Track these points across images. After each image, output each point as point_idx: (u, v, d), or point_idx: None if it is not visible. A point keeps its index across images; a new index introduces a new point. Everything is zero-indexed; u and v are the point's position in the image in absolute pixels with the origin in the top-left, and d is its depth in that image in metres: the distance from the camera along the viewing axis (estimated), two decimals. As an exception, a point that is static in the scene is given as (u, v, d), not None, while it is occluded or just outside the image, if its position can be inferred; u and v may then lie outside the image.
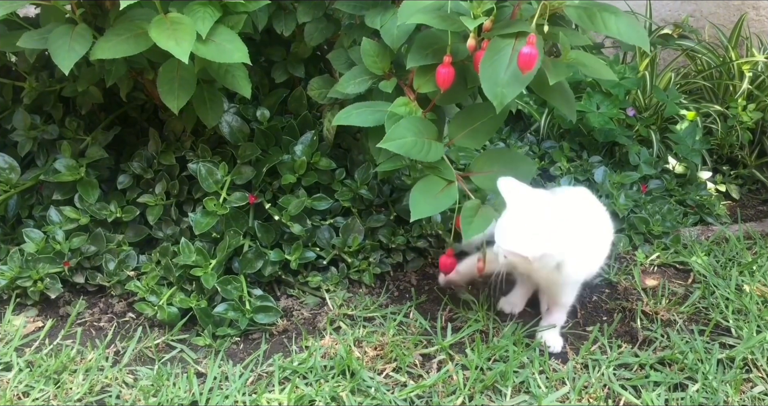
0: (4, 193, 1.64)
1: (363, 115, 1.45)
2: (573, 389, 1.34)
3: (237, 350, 1.48)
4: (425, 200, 1.39)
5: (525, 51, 1.20)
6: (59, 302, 1.58)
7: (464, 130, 1.46)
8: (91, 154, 1.68)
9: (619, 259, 1.78)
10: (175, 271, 1.55)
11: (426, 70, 1.41)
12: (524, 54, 1.20)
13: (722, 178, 2.19)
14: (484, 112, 1.43)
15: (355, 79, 1.51)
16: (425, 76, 1.42)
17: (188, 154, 1.68)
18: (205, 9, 1.36)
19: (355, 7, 1.53)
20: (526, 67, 1.21)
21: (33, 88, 1.72)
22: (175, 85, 1.42)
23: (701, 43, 2.42)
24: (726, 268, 1.73)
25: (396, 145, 1.36)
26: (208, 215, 1.58)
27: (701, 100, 2.34)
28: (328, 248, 1.65)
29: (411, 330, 1.49)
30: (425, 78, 1.42)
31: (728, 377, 1.38)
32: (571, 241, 1.31)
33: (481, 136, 1.47)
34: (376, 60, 1.47)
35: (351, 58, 1.56)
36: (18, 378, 1.35)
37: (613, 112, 2.07)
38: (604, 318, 1.58)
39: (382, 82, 1.47)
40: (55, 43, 1.35)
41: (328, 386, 1.33)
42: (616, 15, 1.27)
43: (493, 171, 1.43)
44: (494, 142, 2.09)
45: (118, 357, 1.44)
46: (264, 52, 1.74)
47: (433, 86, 1.40)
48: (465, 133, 1.45)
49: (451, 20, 1.29)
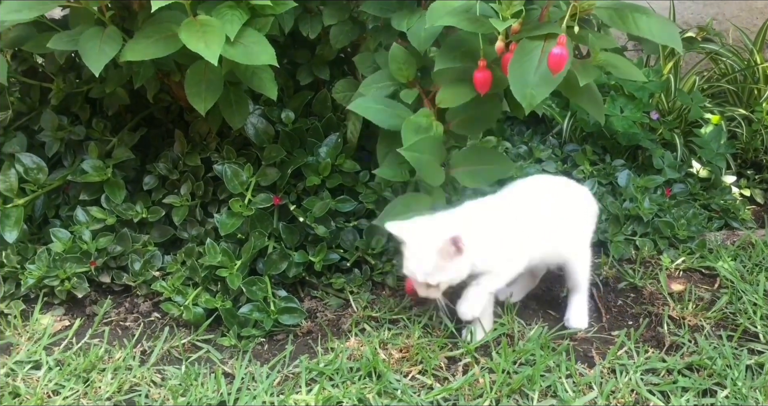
0: (31, 193, 1.66)
1: (381, 114, 1.45)
2: (601, 394, 1.33)
3: (262, 350, 1.48)
4: (403, 212, 1.42)
5: (556, 52, 1.20)
6: (86, 302, 1.59)
7: (462, 116, 1.45)
8: (117, 155, 1.69)
9: (644, 263, 1.77)
10: (200, 271, 1.56)
11: (452, 85, 1.41)
12: (555, 55, 1.20)
13: (747, 182, 2.17)
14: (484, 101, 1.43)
15: (377, 83, 1.52)
16: (450, 90, 1.41)
17: (213, 155, 1.70)
18: (233, 11, 1.37)
19: (381, 10, 1.54)
20: (557, 68, 1.21)
21: (60, 89, 1.74)
22: (202, 87, 1.43)
23: (725, 46, 2.40)
24: (753, 273, 1.71)
25: (413, 157, 1.37)
26: (233, 216, 1.59)
27: (725, 103, 2.32)
28: (351, 250, 1.65)
29: (436, 333, 1.49)
30: (449, 93, 1.41)
31: (757, 383, 1.37)
32: (479, 252, 1.36)
33: (478, 125, 1.48)
34: (402, 67, 1.47)
35: (377, 62, 1.56)
36: (48, 377, 1.36)
37: (636, 116, 2.06)
38: (630, 323, 1.57)
39: (404, 91, 1.47)
40: (86, 45, 1.36)
41: (354, 387, 1.33)
42: (648, 15, 1.26)
43: (472, 167, 1.47)
44: (517, 146, 2.08)
45: (145, 357, 1.45)
46: (289, 55, 1.75)
47: (455, 101, 1.40)
48: (461, 119, 1.45)
49: (480, 22, 1.29)
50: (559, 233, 1.49)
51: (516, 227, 1.43)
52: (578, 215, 1.54)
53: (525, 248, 1.44)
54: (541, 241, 1.46)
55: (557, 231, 1.49)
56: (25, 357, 1.42)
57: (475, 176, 1.49)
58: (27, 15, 1.35)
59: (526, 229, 1.44)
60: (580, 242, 1.54)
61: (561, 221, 1.50)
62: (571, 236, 1.52)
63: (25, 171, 1.66)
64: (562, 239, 1.50)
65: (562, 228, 1.50)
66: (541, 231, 1.46)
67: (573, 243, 1.52)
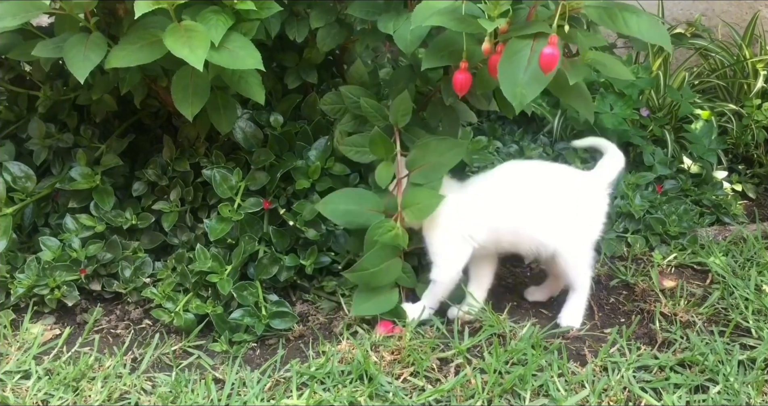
0: (20, 201, 1.65)
1: (348, 216, 1.52)
2: (593, 392, 1.33)
3: (254, 355, 1.48)
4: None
5: (547, 51, 1.20)
6: (76, 310, 1.59)
7: (423, 164, 1.50)
8: (105, 161, 1.69)
9: (636, 260, 1.77)
10: (190, 277, 1.55)
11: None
12: (546, 54, 1.20)
13: (738, 177, 2.17)
14: (448, 147, 1.49)
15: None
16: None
17: (202, 160, 1.69)
18: (218, 16, 1.37)
19: (368, 12, 1.53)
20: (548, 68, 1.20)
21: (47, 97, 1.74)
22: (189, 92, 1.42)
23: (714, 42, 2.40)
24: (744, 268, 1.71)
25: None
26: (222, 221, 1.58)
27: (715, 99, 2.32)
28: (343, 253, 1.65)
29: (428, 334, 1.48)
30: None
31: (750, 379, 1.36)
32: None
33: (437, 173, 1.50)
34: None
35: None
36: (37, 386, 1.36)
37: (626, 113, 2.06)
38: (622, 320, 1.57)
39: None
40: (71, 51, 1.36)
41: (346, 391, 1.32)
42: (638, 15, 1.26)
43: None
44: (507, 145, 2.08)
45: (135, 364, 1.45)
46: (276, 58, 1.74)
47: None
48: (423, 168, 1.50)
49: (467, 22, 1.28)
50: (538, 220, 1.47)
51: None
52: (566, 204, 1.48)
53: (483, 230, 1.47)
54: (513, 225, 1.47)
55: (530, 217, 1.47)
56: (15, 367, 1.41)
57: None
58: (11, 22, 1.34)
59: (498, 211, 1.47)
60: (567, 234, 1.47)
61: (542, 208, 1.47)
62: (554, 225, 1.46)
63: (13, 180, 1.65)
64: (542, 228, 1.47)
65: (543, 215, 1.47)
66: (516, 215, 1.47)
67: (557, 233, 1.47)
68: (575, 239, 1.49)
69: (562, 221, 1.47)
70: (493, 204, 1.48)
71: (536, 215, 1.47)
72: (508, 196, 1.48)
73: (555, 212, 1.47)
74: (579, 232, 1.49)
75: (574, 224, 1.48)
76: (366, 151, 1.56)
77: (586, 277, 1.52)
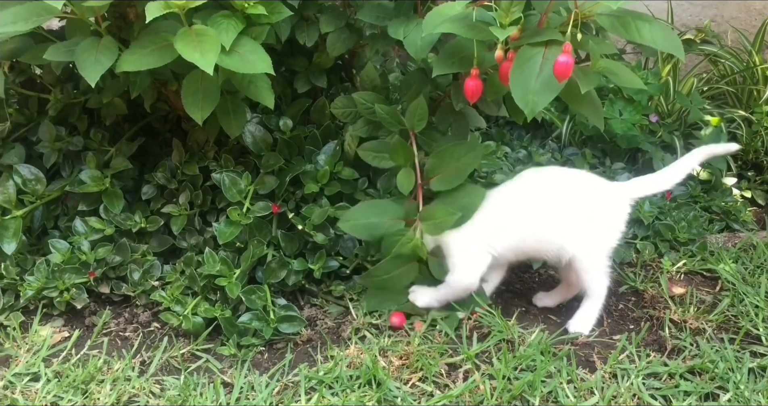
0: (30, 204, 1.66)
1: (369, 229, 1.53)
2: (602, 399, 1.32)
3: (262, 359, 1.48)
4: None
5: (562, 60, 1.20)
6: (85, 312, 1.59)
7: (441, 171, 1.51)
8: (115, 165, 1.69)
9: (645, 266, 1.76)
10: (199, 281, 1.55)
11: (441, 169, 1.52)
12: (561, 63, 1.20)
13: (748, 184, 2.16)
14: (464, 152, 1.49)
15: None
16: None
17: (211, 164, 1.69)
18: (228, 20, 1.37)
19: (378, 18, 1.54)
20: (563, 76, 1.21)
21: (58, 100, 1.75)
22: (199, 96, 1.43)
23: (724, 48, 2.40)
24: (754, 275, 1.71)
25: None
26: (231, 224, 1.58)
27: (725, 105, 2.31)
28: (351, 257, 1.65)
29: (436, 339, 1.48)
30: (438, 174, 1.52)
31: (760, 386, 1.36)
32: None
33: (457, 178, 1.50)
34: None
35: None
36: (46, 388, 1.36)
37: (635, 119, 2.06)
38: (631, 327, 1.57)
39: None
40: (82, 55, 1.36)
41: (354, 396, 1.32)
42: (650, 23, 1.25)
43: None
44: (516, 150, 2.08)
45: (144, 367, 1.45)
46: (286, 63, 1.75)
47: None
48: (441, 175, 1.51)
49: (478, 29, 1.28)
50: (562, 225, 1.47)
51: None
52: (583, 210, 1.49)
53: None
54: (531, 230, 1.47)
55: (552, 223, 1.47)
56: (24, 369, 1.41)
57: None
58: (23, 26, 1.35)
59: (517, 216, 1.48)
60: (587, 240, 1.49)
61: (559, 213, 1.48)
62: (575, 230, 1.48)
63: (23, 182, 1.66)
64: (565, 232, 1.48)
65: (560, 220, 1.48)
66: (534, 220, 1.47)
67: (578, 238, 1.48)
68: (594, 245, 1.50)
69: (583, 226, 1.49)
70: (520, 210, 1.49)
71: (560, 219, 1.48)
72: (535, 201, 1.49)
73: (577, 217, 1.49)
74: (598, 238, 1.51)
75: (594, 230, 1.50)
76: (385, 157, 1.56)
77: (602, 284, 1.52)
